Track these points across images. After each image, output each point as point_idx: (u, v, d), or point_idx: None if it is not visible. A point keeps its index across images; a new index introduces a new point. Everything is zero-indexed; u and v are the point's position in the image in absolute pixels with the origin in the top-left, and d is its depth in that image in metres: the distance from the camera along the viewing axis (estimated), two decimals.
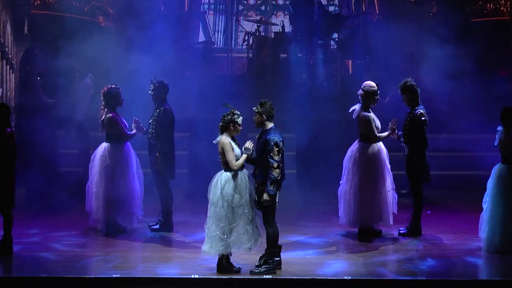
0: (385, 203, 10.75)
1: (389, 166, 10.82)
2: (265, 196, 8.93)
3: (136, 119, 11.10)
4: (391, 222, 10.80)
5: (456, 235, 11.02)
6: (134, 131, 11.08)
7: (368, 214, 10.76)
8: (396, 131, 10.85)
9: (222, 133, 9.04)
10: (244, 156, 8.99)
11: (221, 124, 9.03)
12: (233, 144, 9.01)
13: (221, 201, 8.92)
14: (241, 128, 9.05)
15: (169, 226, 11.11)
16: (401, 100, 10.96)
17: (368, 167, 10.73)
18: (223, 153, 8.97)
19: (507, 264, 9.73)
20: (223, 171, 9.04)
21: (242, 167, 9.03)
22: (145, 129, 11.10)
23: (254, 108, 9.11)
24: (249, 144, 9.04)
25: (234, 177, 8.95)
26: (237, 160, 8.94)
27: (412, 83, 10.81)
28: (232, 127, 9.01)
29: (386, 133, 10.84)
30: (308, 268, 9.33)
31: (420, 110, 10.75)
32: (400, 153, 11.02)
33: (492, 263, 9.90)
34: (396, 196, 10.92)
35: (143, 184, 11.15)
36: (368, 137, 10.79)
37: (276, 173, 8.89)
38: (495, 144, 10.19)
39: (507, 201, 10.06)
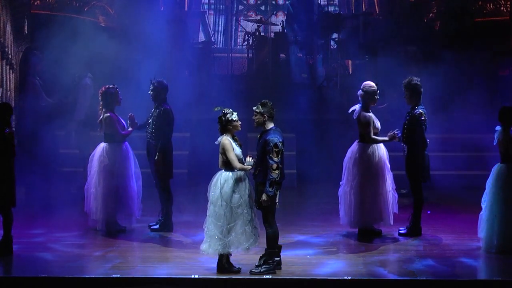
0: (385, 203, 10.73)
1: (389, 166, 10.81)
2: (264, 197, 8.92)
3: (131, 114, 11.11)
4: (392, 222, 10.78)
5: (456, 235, 11.02)
6: (130, 129, 11.09)
7: (369, 214, 10.74)
8: (397, 134, 10.77)
9: (222, 134, 9.06)
10: (247, 167, 8.96)
11: (219, 127, 9.05)
12: (233, 144, 9.01)
13: (220, 200, 8.92)
14: (240, 123, 9.05)
15: (169, 226, 11.10)
16: (400, 106, 10.96)
17: (368, 167, 10.70)
18: (223, 153, 8.98)
19: (507, 264, 9.73)
20: (223, 170, 9.05)
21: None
22: (138, 124, 11.10)
23: (254, 108, 9.09)
24: (250, 161, 9.02)
25: (234, 177, 8.95)
26: (239, 159, 8.95)
27: (417, 82, 10.78)
28: (230, 126, 9.02)
29: (382, 138, 10.75)
30: (308, 268, 9.32)
31: (420, 110, 10.73)
32: (400, 153, 11.01)
33: (491, 263, 9.90)
34: (396, 196, 10.90)
35: (141, 184, 11.16)
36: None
37: (275, 174, 8.89)
38: (494, 143, 10.20)
39: (506, 201, 10.05)
